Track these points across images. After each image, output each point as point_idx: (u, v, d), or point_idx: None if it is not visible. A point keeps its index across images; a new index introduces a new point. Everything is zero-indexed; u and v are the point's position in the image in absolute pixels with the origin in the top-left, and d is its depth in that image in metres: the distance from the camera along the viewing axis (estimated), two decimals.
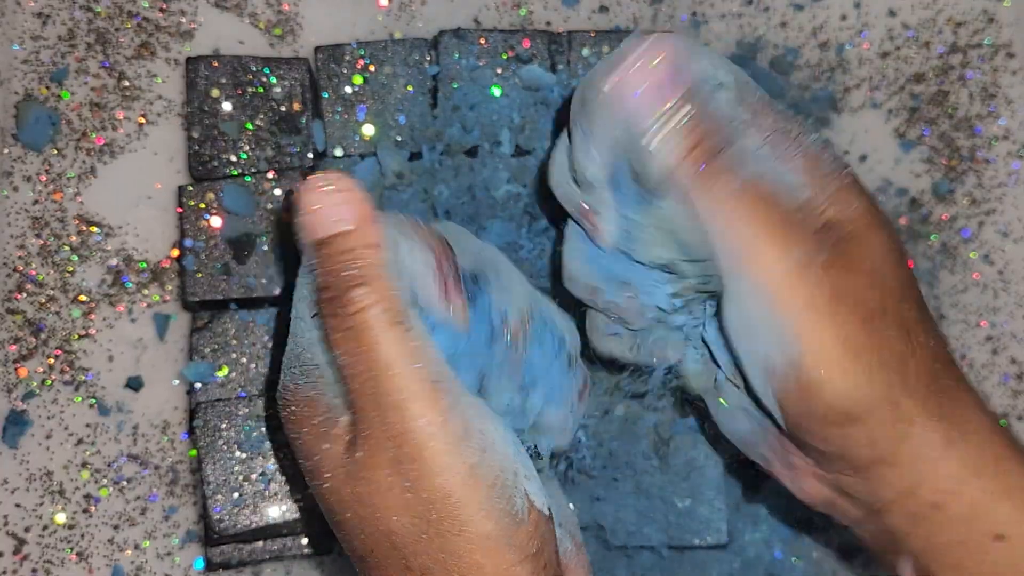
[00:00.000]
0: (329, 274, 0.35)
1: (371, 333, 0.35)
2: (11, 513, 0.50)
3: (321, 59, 0.52)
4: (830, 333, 0.36)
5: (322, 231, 0.36)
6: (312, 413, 0.37)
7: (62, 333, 0.51)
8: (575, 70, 0.52)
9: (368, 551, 0.36)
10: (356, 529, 0.36)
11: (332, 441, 0.36)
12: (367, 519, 0.36)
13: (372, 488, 0.35)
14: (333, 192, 0.36)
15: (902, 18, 0.55)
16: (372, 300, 0.35)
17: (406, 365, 0.35)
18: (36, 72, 0.52)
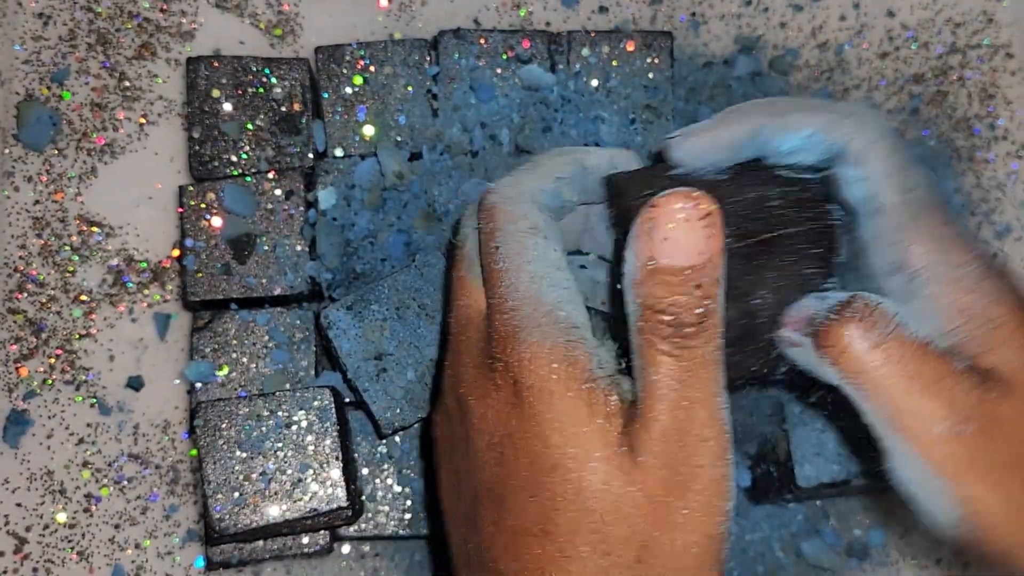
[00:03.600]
0: (671, 303, 0.34)
1: (706, 373, 0.34)
2: (12, 512, 0.50)
3: (321, 59, 0.52)
4: (991, 498, 0.36)
5: (681, 260, 0.34)
6: (576, 372, 0.35)
7: (63, 333, 0.51)
8: (575, 70, 0.52)
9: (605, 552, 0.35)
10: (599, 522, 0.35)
11: (605, 418, 0.35)
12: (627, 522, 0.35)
13: (630, 496, 0.34)
14: (701, 224, 0.33)
15: (901, 19, 0.55)
16: (714, 344, 0.34)
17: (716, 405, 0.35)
18: (37, 72, 0.52)
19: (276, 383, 0.50)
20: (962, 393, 0.35)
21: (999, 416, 0.35)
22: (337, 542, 0.51)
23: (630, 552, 0.35)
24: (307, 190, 0.51)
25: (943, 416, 0.35)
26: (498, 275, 0.37)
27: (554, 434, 0.35)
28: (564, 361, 0.35)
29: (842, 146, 0.37)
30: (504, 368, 0.36)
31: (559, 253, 0.38)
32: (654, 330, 0.34)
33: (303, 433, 0.48)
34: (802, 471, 0.49)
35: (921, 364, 0.35)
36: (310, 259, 0.50)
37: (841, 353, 0.35)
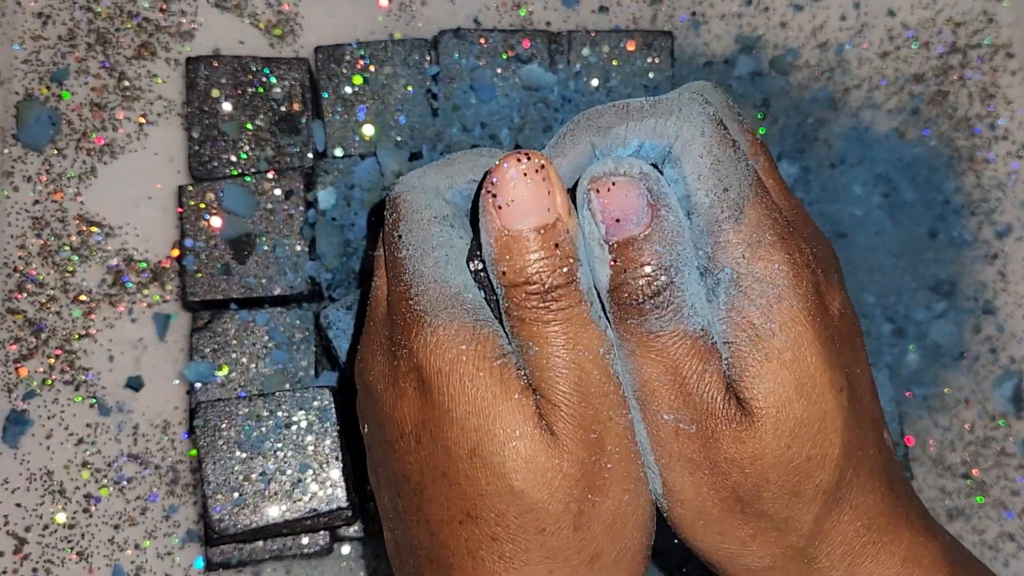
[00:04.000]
0: (534, 268, 0.34)
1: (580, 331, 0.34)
2: (11, 513, 0.50)
3: (321, 59, 0.52)
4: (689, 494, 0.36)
5: (532, 220, 0.34)
6: (486, 351, 0.35)
7: (62, 333, 0.51)
8: (575, 70, 0.52)
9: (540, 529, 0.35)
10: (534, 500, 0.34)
11: (518, 393, 0.34)
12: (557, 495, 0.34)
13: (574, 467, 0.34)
14: (538, 178, 0.33)
15: (901, 18, 0.55)
16: (579, 298, 0.34)
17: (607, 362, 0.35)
18: (36, 72, 0.52)
19: (276, 383, 0.50)
20: (704, 396, 0.34)
21: (721, 435, 0.34)
22: (337, 542, 0.51)
23: (567, 522, 0.34)
24: (307, 190, 0.51)
25: (676, 409, 0.34)
26: (401, 263, 0.36)
27: (470, 417, 0.34)
28: (473, 340, 0.34)
29: (665, 147, 0.36)
30: (409, 354, 0.35)
31: (465, 242, 0.37)
32: (523, 304, 0.34)
33: (303, 433, 0.48)
34: None
35: (684, 358, 0.34)
36: (310, 259, 0.50)
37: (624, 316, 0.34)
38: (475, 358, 0.34)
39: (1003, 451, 0.53)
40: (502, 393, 0.34)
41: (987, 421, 0.53)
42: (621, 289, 0.34)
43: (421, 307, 0.35)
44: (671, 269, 0.34)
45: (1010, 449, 0.53)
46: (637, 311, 0.34)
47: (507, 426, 0.34)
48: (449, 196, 0.38)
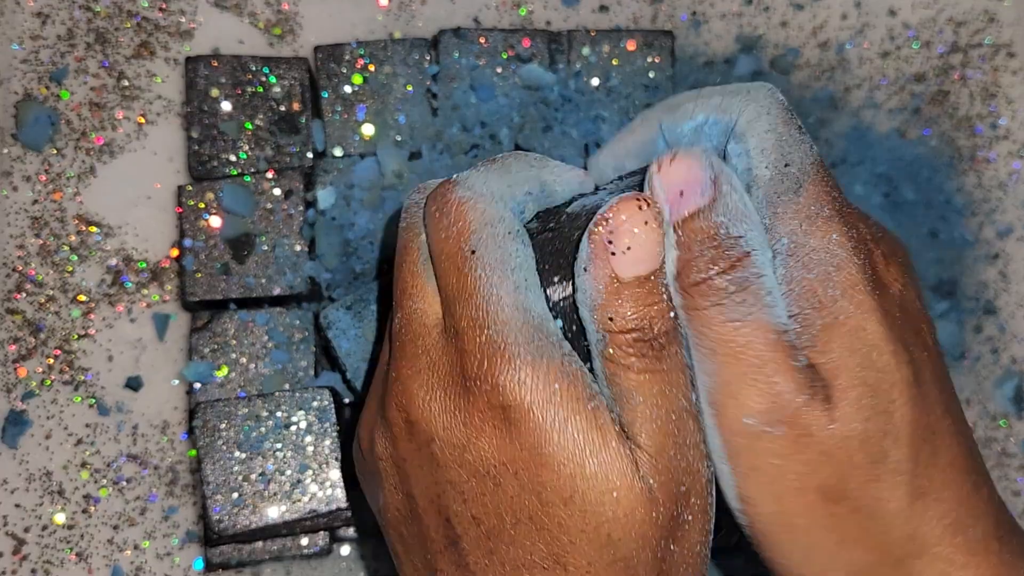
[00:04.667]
0: (643, 317, 0.33)
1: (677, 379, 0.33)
2: (10, 513, 0.50)
3: (321, 59, 0.52)
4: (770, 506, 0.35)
5: (644, 268, 0.33)
6: (578, 392, 0.33)
7: (61, 333, 0.51)
8: (575, 69, 0.52)
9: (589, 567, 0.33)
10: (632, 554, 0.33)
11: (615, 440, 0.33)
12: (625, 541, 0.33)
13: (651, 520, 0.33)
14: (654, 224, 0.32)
15: (902, 18, 0.55)
16: (681, 342, 0.33)
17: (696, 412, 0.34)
18: (35, 72, 0.52)
19: (275, 383, 0.50)
20: (789, 395, 0.33)
21: (810, 426, 0.33)
22: (336, 543, 0.50)
23: (652, 570, 0.34)
24: (306, 190, 0.51)
25: (761, 411, 0.33)
26: (474, 283, 0.33)
27: (568, 463, 0.32)
28: (565, 379, 0.33)
29: (729, 124, 0.36)
30: (492, 390, 0.33)
31: (532, 263, 0.35)
32: (626, 352, 0.33)
33: (302, 434, 0.48)
34: None
35: (766, 354, 0.33)
36: (309, 259, 0.50)
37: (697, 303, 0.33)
38: (570, 399, 0.33)
39: (1004, 451, 0.53)
40: (600, 440, 0.33)
41: (988, 421, 0.53)
42: (689, 268, 0.33)
43: (504, 338, 0.33)
44: (742, 242, 0.33)
45: (1011, 449, 0.53)
46: (710, 291, 0.33)
47: (607, 475, 0.32)
48: (512, 206, 0.36)
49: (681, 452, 0.34)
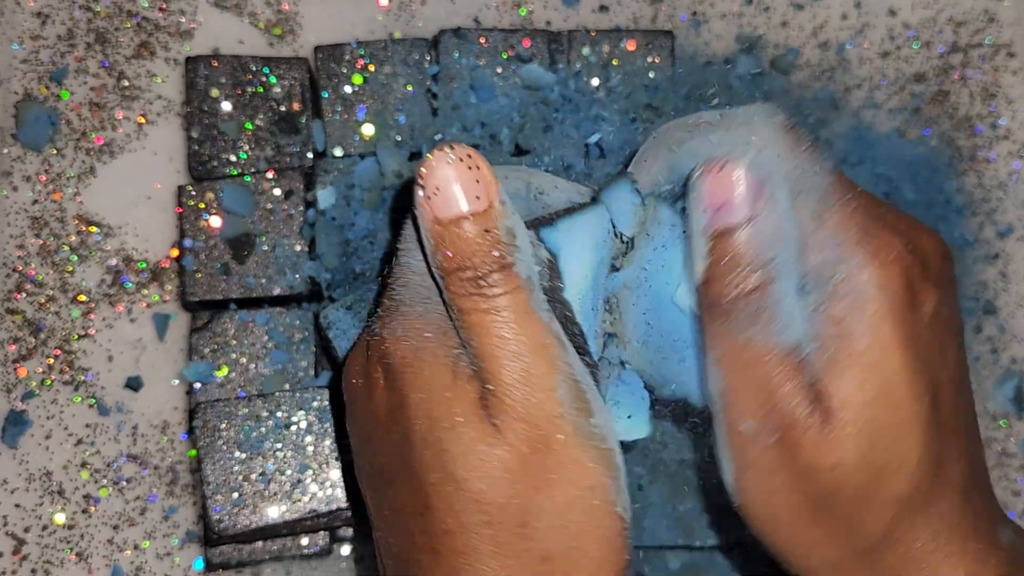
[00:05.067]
0: (465, 255, 0.34)
1: (512, 320, 0.34)
2: (11, 513, 0.50)
3: (321, 59, 0.52)
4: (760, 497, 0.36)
5: (454, 210, 0.34)
6: (448, 341, 0.35)
7: (61, 333, 0.51)
8: (575, 69, 0.52)
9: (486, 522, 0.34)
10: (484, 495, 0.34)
11: (466, 381, 0.35)
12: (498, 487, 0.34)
13: (517, 461, 0.34)
14: (465, 166, 0.34)
15: (902, 18, 0.55)
16: (510, 286, 0.34)
17: (553, 353, 0.34)
18: (36, 72, 0.52)
19: (275, 383, 0.49)
20: (786, 410, 0.34)
21: (802, 443, 0.34)
22: (336, 543, 0.50)
23: (512, 517, 0.34)
24: (306, 190, 0.51)
25: (757, 419, 0.35)
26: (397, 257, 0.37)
27: (423, 403, 0.35)
28: (438, 331, 0.35)
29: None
30: (379, 342, 0.36)
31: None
32: (460, 291, 0.34)
33: (302, 434, 0.47)
34: None
35: (770, 371, 0.34)
36: (309, 259, 0.50)
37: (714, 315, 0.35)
38: (436, 347, 0.35)
39: (1004, 451, 0.53)
40: (451, 381, 0.35)
41: (988, 421, 0.53)
42: (713, 283, 0.34)
43: (400, 297, 0.36)
44: (769, 268, 0.34)
45: (1011, 450, 0.53)
46: (726, 313, 0.34)
47: (452, 411, 0.34)
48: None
49: (530, 393, 0.34)
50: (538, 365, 0.34)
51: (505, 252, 0.34)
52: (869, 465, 0.35)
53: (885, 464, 0.35)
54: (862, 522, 0.36)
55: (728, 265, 0.34)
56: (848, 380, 0.34)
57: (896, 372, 0.35)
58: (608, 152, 0.52)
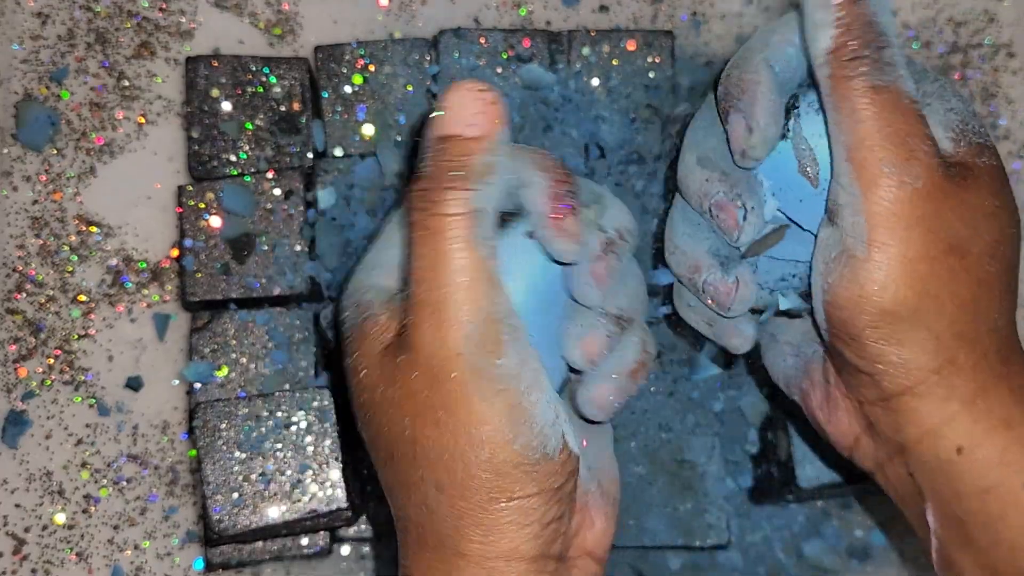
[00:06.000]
0: (434, 167, 0.35)
1: (451, 241, 0.35)
2: (11, 513, 0.50)
3: (321, 59, 0.52)
4: (899, 249, 0.37)
5: (452, 128, 0.36)
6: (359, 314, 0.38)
7: (62, 333, 0.51)
8: (575, 69, 0.52)
9: (389, 455, 0.37)
10: (382, 429, 0.37)
11: (373, 338, 0.37)
12: (395, 422, 0.36)
13: (405, 394, 0.36)
14: (479, 97, 0.36)
15: (902, 18, 0.55)
16: (462, 209, 0.35)
17: (477, 289, 0.35)
18: (36, 72, 0.52)
19: (275, 383, 0.50)
20: (926, 153, 0.37)
21: (948, 190, 0.37)
22: (336, 543, 0.50)
23: (405, 449, 0.36)
24: (306, 190, 0.51)
25: (901, 163, 0.36)
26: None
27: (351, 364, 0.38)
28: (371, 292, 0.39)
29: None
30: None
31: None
32: (414, 203, 0.36)
33: (302, 434, 0.47)
34: (803, 472, 0.49)
35: (904, 115, 0.37)
36: (309, 259, 0.50)
37: (848, 73, 0.37)
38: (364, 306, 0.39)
39: None
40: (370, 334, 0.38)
41: None
42: (846, 45, 0.37)
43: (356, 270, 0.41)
44: (887, 31, 0.37)
45: None
46: (859, 63, 0.37)
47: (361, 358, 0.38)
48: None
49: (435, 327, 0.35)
50: (458, 298, 0.35)
51: (465, 176, 0.35)
52: (999, 214, 0.38)
53: (1007, 223, 0.39)
54: (986, 281, 0.38)
55: (858, 26, 0.37)
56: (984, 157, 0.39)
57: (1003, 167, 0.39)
58: (608, 152, 0.52)
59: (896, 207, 0.36)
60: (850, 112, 0.37)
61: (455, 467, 0.35)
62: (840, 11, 0.37)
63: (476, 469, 0.35)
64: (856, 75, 0.37)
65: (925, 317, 0.37)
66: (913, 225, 0.36)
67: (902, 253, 0.37)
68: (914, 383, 0.38)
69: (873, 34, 0.37)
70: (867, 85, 0.37)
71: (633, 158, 0.52)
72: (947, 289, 0.37)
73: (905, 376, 0.38)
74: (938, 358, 0.37)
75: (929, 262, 0.37)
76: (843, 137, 0.37)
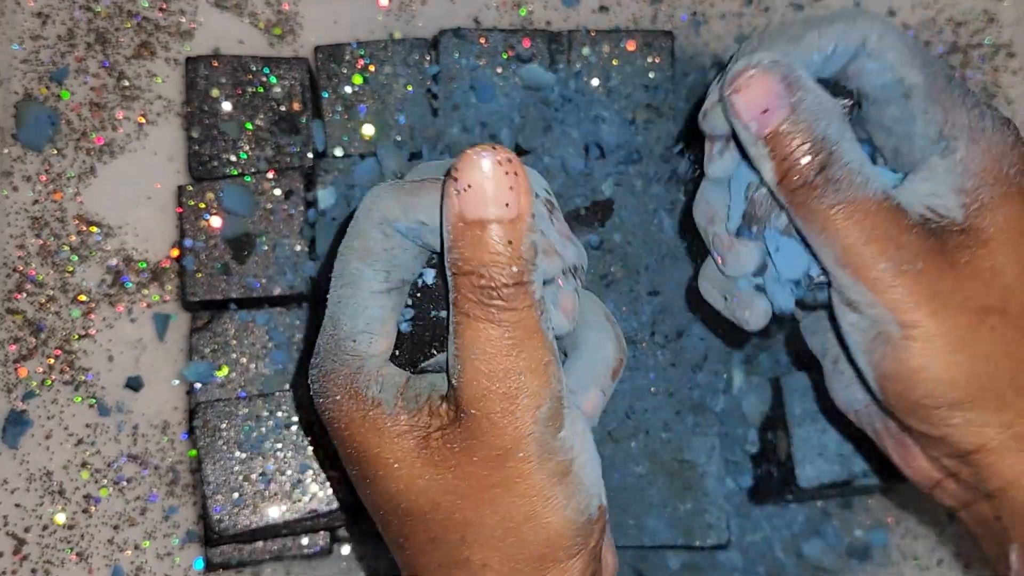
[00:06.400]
0: (483, 262, 0.33)
1: (527, 336, 0.34)
2: (11, 513, 0.50)
3: (321, 59, 0.52)
4: (932, 325, 0.37)
5: (485, 212, 0.33)
6: (358, 406, 0.36)
7: (62, 333, 0.51)
8: (575, 69, 0.52)
9: (430, 539, 0.36)
10: (424, 514, 0.35)
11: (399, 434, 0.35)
12: (441, 507, 0.35)
13: (458, 476, 0.35)
14: (506, 170, 0.33)
15: (902, 18, 0.55)
16: (529, 302, 0.34)
17: (550, 373, 0.34)
18: (36, 72, 0.52)
19: (275, 384, 0.50)
20: (913, 239, 0.36)
21: (957, 260, 0.37)
22: (337, 543, 0.50)
23: (454, 532, 0.35)
24: (307, 190, 0.51)
25: (888, 257, 0.36)
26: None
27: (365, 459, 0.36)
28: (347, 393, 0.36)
29: (858, 46, 0.39)
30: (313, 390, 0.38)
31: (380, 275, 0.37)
32: (469, 296, 0.34)
33: (303, 434, 0.48)
34: (803, 471, 0.49)
35: (875, 219, 0.36)
36: (309, 259, 0.50)
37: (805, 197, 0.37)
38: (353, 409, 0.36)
39: None
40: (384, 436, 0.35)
41: None
42: (789, 176, 0.37)
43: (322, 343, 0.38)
44: (826, 140, 0.36)
45: None
46: (811, 189, 0.36)
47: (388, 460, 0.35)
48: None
49: (508, 413, 0.34)
50: (532, 384, 0.34)
51: (524, 268, 0.33)
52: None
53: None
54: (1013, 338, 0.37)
55: (794, 154, 0.37)
56: (1008, 208, 0.38)
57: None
58: (608, 152, 0.52)
59: (910, 290, 0.36)
60: (820, 232, 0.37)
61: (507, 543, 0.35)
62: (767, 146, 0.37)
63: (531, 544, 0.35)
64: (811, 200, 0.37)
65: (981, 379, 0.37)
66: (935, 299, 0.36)
67: (936, 328, 0.36)
68: (986, 441, 0.38)
69: (812, 156, 0.36)
70: (827, 206, 0.36)
71: (633, 158, 0.52)
72: (997, 348, 0.37)
73: (976, 436, 0.38)
74: (1006, 414, 0.37)
75: (968, 328, 0.36)
76: (825, 249, 0.37)
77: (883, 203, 0.37)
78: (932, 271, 0.36)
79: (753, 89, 0.37)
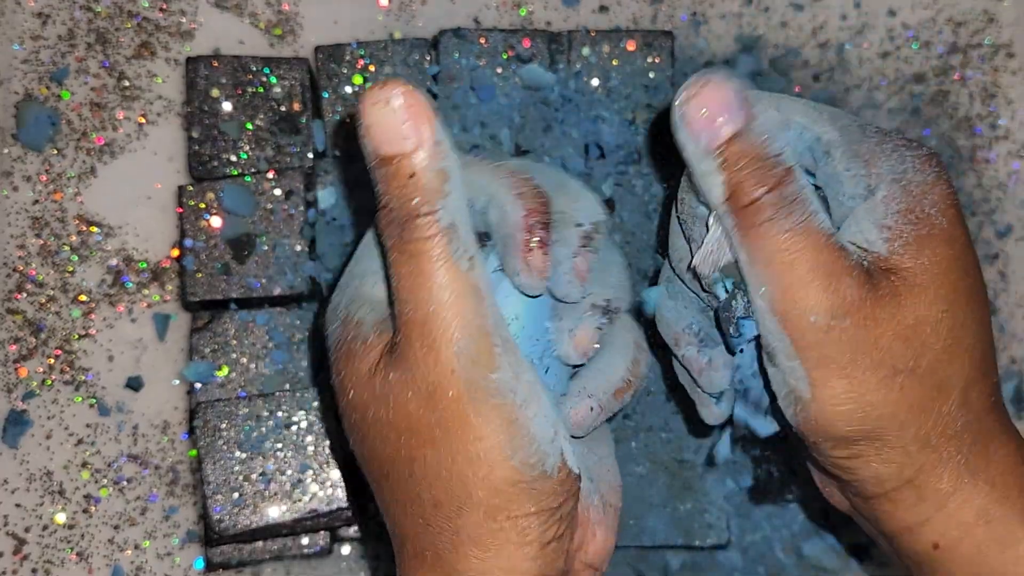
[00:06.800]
0: (391, 196, 0.34)
1: (430, 262, 0.34)
2: (11, 513, 0.50)
3: (321, 59, 0.52)
4: (840, 386, 0.36)
5: (385, 149, 0.34)
6: (344, 329, 0.37)
7: (62, 333, 0.51)
8: (575, 70, 0.52)
9: (384, 475, 0.37)
10: (376, 449, 0.36)
11: (360, 357, 0.36)
12: (389, 442, 0.36)
13: (399, 414, 0.35)
14: (399, 107, 0.34)
15: (902, 18, 0.55)
16: (433, 231, 0.34)
17: (463, 305, 0.34)
18: (36, 72, 0.52)
19: (275, 383, 0.50)
20: (850, 287, 0.35)
21: (880, 315, 0.35)
22: (337, 543, 0.50)
23: (402, 467, 0.36)
24: (307, 190, 0.51)
25: (825, 308, 0.35)
26: None
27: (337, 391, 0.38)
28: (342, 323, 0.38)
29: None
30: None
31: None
32: (385, 231, 0.35)
33: (303, 433, 0.48)
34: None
35: (821, 256, 0.35)
36: (310, 259, 0.50)
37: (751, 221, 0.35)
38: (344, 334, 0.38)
39: None
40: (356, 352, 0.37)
41: None
42: (739, 190, 0.35)
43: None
44: (782, 158, 0.35)
45: None
46: (762, 209, 0.35)
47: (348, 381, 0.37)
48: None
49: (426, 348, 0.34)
50: (443, 314, 0.34)
51: (425, 199, 0.34)
52: (949, 322, 0.36)
53: (964, 322, 0.36)
54: (944, 381, 0.36)
55: (747, 165, 0.35)
56: (928, 250, 0.36)
57: (966, 244, 0.37)
58: (608, 152, 0.52)
59: (829, 349, 0.35)
60: (766, 263, 0.35)
61: (452, 485, 0.35)
62: (721, 154, 0.35)
63: (473, 487, 0.35)
64: (762, 222, 0.35)
65: (885, 436, 0.36)
66: (848, 362, 0.35)
67: (844, 391, 0.36)
68: (886, 490, 0.38)
69: (767, 170, 0.35)
70: (777, 232, 0.35)
71: (633, 158, 0.52)
72: (903, 406, 0.36)
73: (877, 486, 0.38)
74: (908, 468, 0.37)
75: (877, 389, 0.36)
76: (763, 288, 0.36)
77: (830, 238, 0.35)
78: (857, 326, 0.35)
79: (707, 98, 0.35)
